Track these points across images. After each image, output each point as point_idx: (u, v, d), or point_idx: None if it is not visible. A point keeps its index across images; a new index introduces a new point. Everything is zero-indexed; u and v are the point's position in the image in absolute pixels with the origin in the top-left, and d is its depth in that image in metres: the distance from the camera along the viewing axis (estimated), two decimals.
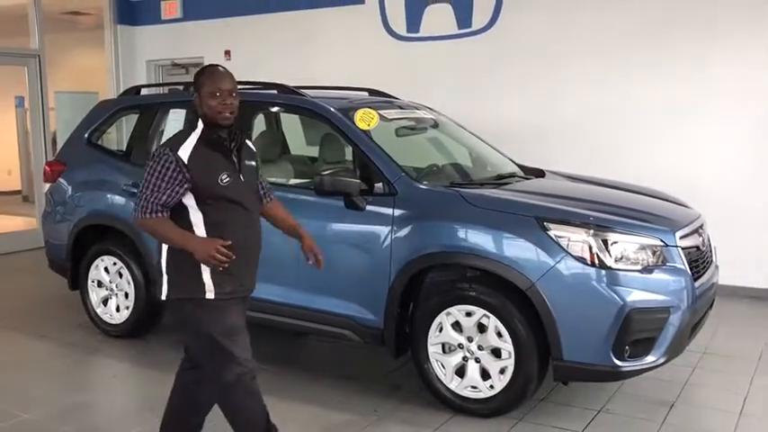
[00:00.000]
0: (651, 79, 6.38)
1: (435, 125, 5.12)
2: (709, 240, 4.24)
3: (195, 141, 2.88)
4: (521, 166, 4.99)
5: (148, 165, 2.85)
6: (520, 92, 6.98)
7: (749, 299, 6.11)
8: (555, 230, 3.55)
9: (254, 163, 3.09)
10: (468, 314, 3.73)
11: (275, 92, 4.78)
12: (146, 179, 2.84)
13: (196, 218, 2.90)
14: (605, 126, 6.61)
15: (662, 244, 3.62)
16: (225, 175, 2.88)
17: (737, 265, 5.71)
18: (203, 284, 2.89)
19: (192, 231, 2.88)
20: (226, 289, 2.91)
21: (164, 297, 2.97)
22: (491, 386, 3.72)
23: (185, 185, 2.82)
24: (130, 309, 5.04)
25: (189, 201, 2.88)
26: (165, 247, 2.94)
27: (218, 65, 3.02)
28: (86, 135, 5.42)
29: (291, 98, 4.64)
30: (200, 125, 2.92)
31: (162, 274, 2.96)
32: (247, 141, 3.09)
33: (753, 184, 6.10)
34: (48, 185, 5.57)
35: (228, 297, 2.93)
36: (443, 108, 5.55)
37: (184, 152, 2.83)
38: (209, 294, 2.90)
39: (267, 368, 4.55)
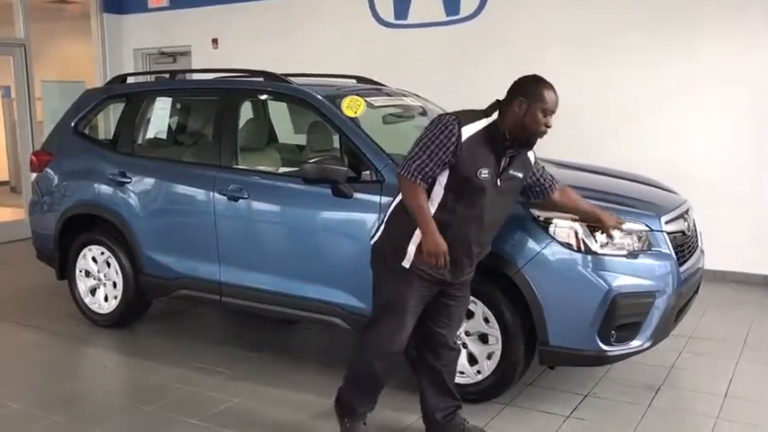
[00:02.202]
0: (640, 65, 6.39)
1: (423, 112, 5.10)
2: (695, 225, 4.26)
3: (481, 128, 2.93)
4: None
5: (431, 127, 2.91)
6: (508, 78, 6.87)
7: (735, 283, 6.16)
8: (541, 216, 3.56)
9: (520, 175, 3.13)
10: None
11: (261, 79, 4.76)
12: (424, 141, 2.89)
13: (436, 194, 2.96)
14: (596, 112, 6.61)
15: (647, 229, 3.64)
16: (485, 172, 2.92)
17: (724, 250, 5.76)
18: (405, 252, 2.98)
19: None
20: (423, 265, 2.98)
21: (372, 241, 3.15)
22: (478, 371, 3.75)
23: (451, 160, 2.87)
24: (119, 298, 5.03)
25: (441, 178, 2.94)
26: (396, 201, 3.07)
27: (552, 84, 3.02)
28: (73, 124, 5.38)
29: (278, 86, 4.61)
30: (494, 116, 2.97)
31: (383, 223, 3.12)
32: (529, 154, 3.17)
33: (740, 168, 6.13)
34: (34, 175, 5.55)
35: (421, 273, 3.01)
36: (432, 95, 5.54)
37: (467, 131, 2.88)
38: (406, 263, 2.99)
39: (257, 356, 4.58)
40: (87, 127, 5.53)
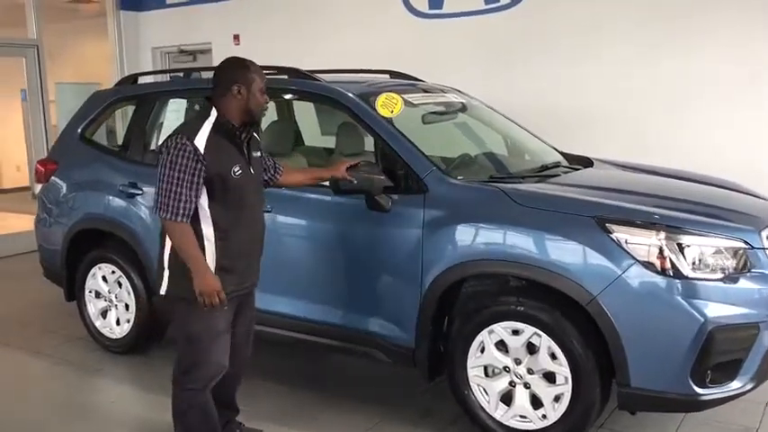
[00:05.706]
0: (696, 57, 5.69)
1: (464, 109, 4.56)
2: None
3: (209, 130, 2.85)
4: (564, 155, 4.42)
5: (165, 158, 2.78)
6: (551, 71, 6.37)
7: None
8: (619, 233, 2.98)
9: (259, 153, 3.10)
10: (516, 332, 3.18)
11: (286, 77, 4.22)
12: (168, 174, 2.77)
13: (203, 215, 2.84)
14: (648, 108, 5.95)
15: (746, 246, 3.03)
16: (237, 167, 2.87)
17: None
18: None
19: (203, 244, 2.85)
20: (227, 289, 2.88)
21: (163, 292, 2.96)
22: (543, 416, 3.18)
23: (203, 176, 2.78)
24: (131, 322, 4.55)
25: (202, 200, 2.83)
26: (168, 242, 2.90)
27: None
28: (79, 130, 4.91)
29: (305, 83, 4.08)
30: (214, 114, 2.89)
31: (164, 269, 2.94)
32: (254, 133, 3.07)
33: None
34: (40, 186, 5.09)
35: (228, 297, 2.90)
36: (469, 91, 4.97)
37: (200, 140, 2.81)
38: None
39: (284, 389, 4.07)
40: (96, 133, 5.06)
